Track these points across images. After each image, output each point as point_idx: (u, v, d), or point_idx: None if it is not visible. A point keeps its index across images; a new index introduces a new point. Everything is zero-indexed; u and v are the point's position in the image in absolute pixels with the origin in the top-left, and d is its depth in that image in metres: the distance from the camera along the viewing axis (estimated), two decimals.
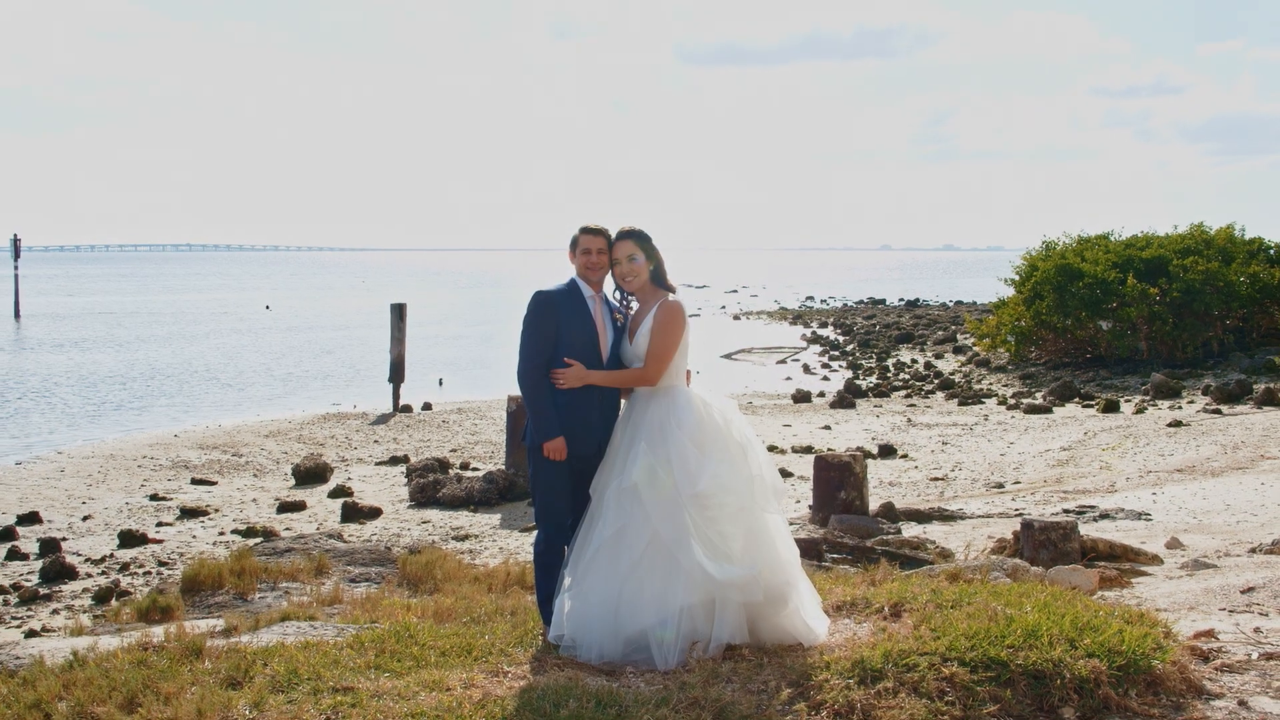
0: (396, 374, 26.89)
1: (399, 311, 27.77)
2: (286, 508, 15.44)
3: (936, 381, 29.52)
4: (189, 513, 15.09)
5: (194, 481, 17.39)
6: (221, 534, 13.94)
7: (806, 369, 35.18)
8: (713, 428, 5.68)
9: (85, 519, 14.87)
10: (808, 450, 18.56)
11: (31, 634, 9.68)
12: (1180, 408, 22.19)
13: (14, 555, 12.84)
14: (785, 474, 15.69)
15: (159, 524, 14.51)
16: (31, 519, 14.61)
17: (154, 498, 16.18)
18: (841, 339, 45.68)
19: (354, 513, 14.75)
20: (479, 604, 6.86)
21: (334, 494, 16.27)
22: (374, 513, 14.91)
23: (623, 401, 5.98)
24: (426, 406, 26.30)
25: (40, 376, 33.06)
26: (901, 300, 73.34)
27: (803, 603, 5.63)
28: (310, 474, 17.54)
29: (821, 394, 27.76)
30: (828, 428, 21.71)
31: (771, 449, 18.03)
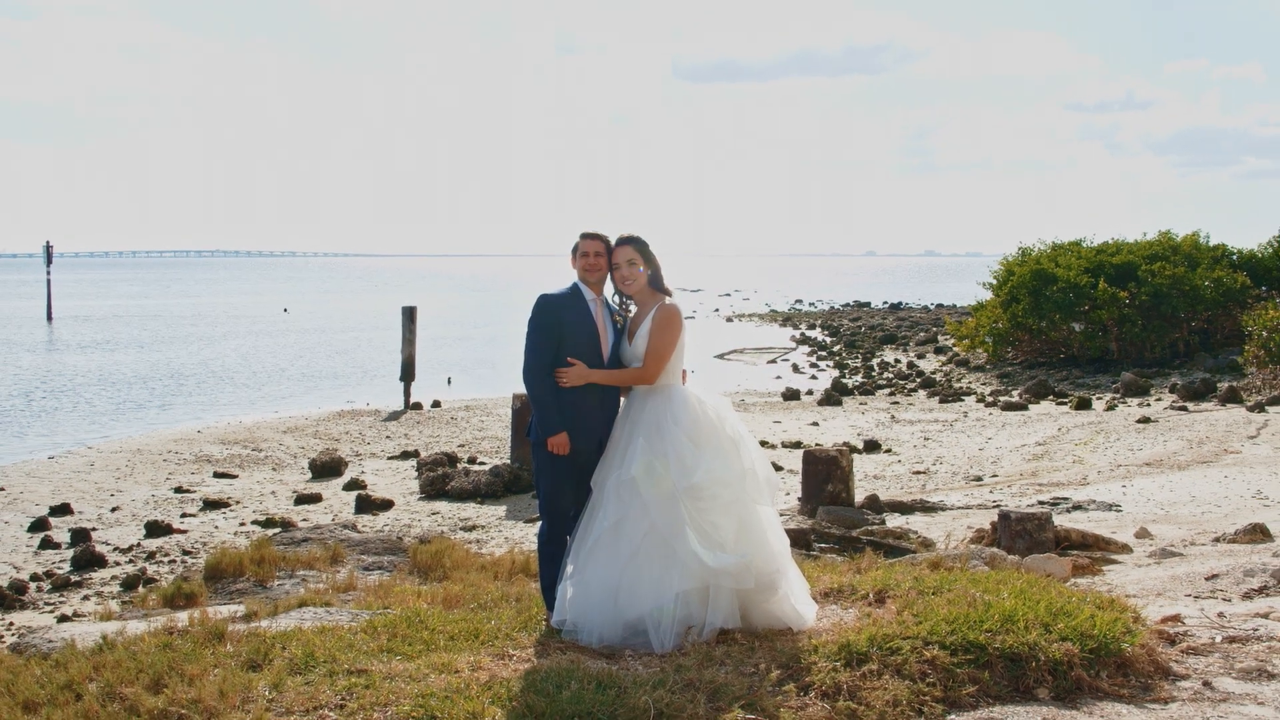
0: (407, 373, 26.87)
1: (409, 314, 27.75)
2: (303, 500, 15.43)
3: (918, 380, 29.53)
4: (211, 504, 15.08)
5: (216, 475, 17.38)
6: (242, 524, 13.93)
7: (795, 368, 35.17)
8: (707, 424, 5.68)
9: (114, 510, 14.87)
10: (797, 445, 18.56)
11: (63, 619, 9.68)
12: (1149, 405, 22.21)
13: (47, 544, 12.83)
14: (775, 468, 15.64)
15: (183, 515, 14.50)
16: (63, 510, 14.61)
17: (178, 490, 16.17)
18: (829, 340, 45.68)
19: (367, 504, 14.75)
20: (486, 591, 6.85)
21: (348, 487, 16.26)
22: (386, 504, 14.91)
23: (622, 399, 5.98)
24: (436, 404, 26.27)
25: (67, 376, 33.04)
26: (885, 303, 73.28)
27: (792, 589, 5.63)
28: (326, 468, 17.53)
29: (810, 392, 27.76)
30: (815, 424, 21.71)
31: (762, 444, 18.00)
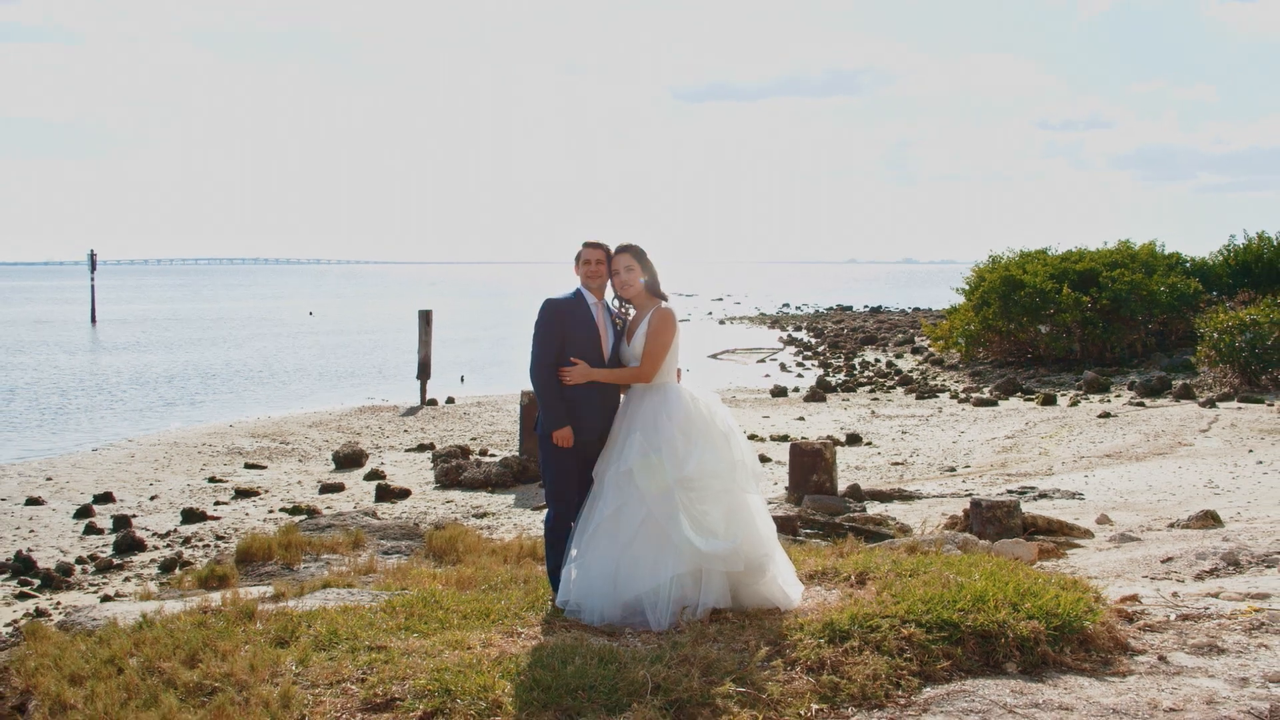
0: (424, 371, 26.86)
1: (425, 317, 27.73)
2: (327, 489, 15.43)
3: (897, 378, 29.52)
4: (242, 493, 15.08)
5: (247, 466, 17.37)
6: (271, 512, 13.93)
7: (783, 367, 35.17)
8: (699, 419, 5.69)
9: (153, 498, 14.86)
10: (784, 439, 18.57)
11: (106, 599, 9.69)
12: (1109, 401, 22.22)
13: (91, 530, 12.84)
14: (764, 459, 15.70)
15: (216, 503, 14.50)
16: (106, 498, 14.61)
17: (212, 480, 16.16)
18: (814, 341, 45.64)
19: (386, 493, 14.75)
20: (496, 574, 6.86)
21: (369, 477, 16.26)
22: (404, 493, 14.91)
23: (621, 396, 5.99)
24: (450, 400, 26.27)
25: (109, 375, 33.00)
26: (866, 307, 73.16)
27: (779, 572, 5.63)
28: (348, 459, 17.53)
29: (796, 389, 27.76)
30: (801, 419, 21.71)
31: (752, 437, 18.04)
